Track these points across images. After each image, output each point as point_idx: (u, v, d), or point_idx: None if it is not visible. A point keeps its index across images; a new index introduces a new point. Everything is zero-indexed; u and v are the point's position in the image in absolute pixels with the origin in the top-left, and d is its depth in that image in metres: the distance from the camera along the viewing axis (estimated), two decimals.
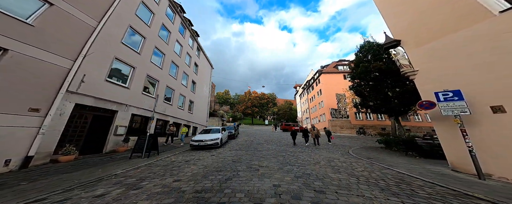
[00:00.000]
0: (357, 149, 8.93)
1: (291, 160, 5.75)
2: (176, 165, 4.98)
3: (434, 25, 5.12)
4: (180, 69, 14.59)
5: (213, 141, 8.48)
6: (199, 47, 20.53)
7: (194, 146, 8.17)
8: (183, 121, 14.81)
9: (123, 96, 7.73)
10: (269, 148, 8.68)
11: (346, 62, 30.99)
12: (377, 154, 7.28)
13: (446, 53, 4.77)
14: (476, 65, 4.23)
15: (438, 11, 5.06)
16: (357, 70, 10.55)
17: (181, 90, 14.63)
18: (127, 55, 8.07)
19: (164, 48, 11.88)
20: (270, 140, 12.46)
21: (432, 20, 5.17)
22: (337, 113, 25.23)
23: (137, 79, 8.74)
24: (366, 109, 10.95)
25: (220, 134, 9.59)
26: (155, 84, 10.56)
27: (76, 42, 5.67)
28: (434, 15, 5.14)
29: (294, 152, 7.59)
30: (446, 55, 4.77)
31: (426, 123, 21.25)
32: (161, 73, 11.15)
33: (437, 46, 4.97)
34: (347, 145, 10.85)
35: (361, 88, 10.22)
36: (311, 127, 9.74)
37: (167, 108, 11.85)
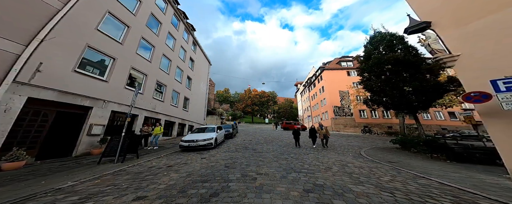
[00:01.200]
0: (368, 149, 7.91)
1: (296, 165, 4.74)
2: (153, 173, 3.97)
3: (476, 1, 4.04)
4: (173, 63, 13.53)
5: (206, 141, 7.48)
6: (195, 42, 19.42)
7: (184, 147, 7.17)
8: (177, 119, 13.81)
9: (100, 91, 6.70)
10: (269, 149, 7.67)
11: (350, 58, 29.83)
12: (396, 157, 6.26)
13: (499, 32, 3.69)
14: None
15: None
16: (369, 62, 9.44)
17: (175, 86, 13.59)
18: (105, 45, 7.00)
19: (153, 40, 10.81)
20: (271, 140, 11.46)
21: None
22: (340, 111, 24.18)
23: (119, 72, 7.69)
24: (377, 105, 9.89)
25: (214, 133, 8.59)
26: (142, 79, 9.51)
27: (31, 25, 4.63)
28: None
29: (298, 154, 6.58)
30: (498, 35, 3.69)
31: (435, 120, 20.19)
32: (149, 66, 10.10)
33: (484, 25, 3.88)
34: (356, 145, 9.84)
35: (372, 82, 9.11)
36: (318, 125, 8.54)
37: (158, 105, 10.84)
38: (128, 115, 5.12)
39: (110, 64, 7.29)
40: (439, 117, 19.91)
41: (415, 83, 7.20)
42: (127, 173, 3.95)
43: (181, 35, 15.62)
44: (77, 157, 5.56)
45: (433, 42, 4.60)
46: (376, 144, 10.44)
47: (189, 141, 7.27)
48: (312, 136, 8.35)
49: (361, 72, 10.69)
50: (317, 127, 8.62)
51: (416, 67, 7.57)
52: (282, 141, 11.14)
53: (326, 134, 8.21)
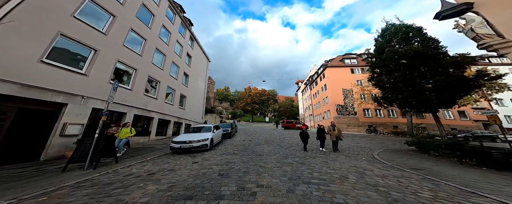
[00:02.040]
0: (381, 152, 7.10)
1: (303, 173, 3.94)
2: (126, 184, 3.18)
3: None
4: (168, 58, 12.68)
5: (200, 143, 6.69)
6: (192, 37, 18.52)
7: (175, 148, 6.38)
8: (172, 117, 13.02)
9: (77, 85, 5.87)
10: (271, 151, 6.88)
11: (354, 56, 28.87)
12: (418, 161, 5.44)
13: None
14: None
15: None
16: (382, 57, 8.51)
17: (170, 82, 12.76)
18: (83, 34, 6.14)
19: (145, 33, 9.94)
20: (272, 140, 10.67)
21: None
22: (343, 110, 23.33)
23: (102, 65, 6.85)
24: (390, 104, 9.01)
25: (210, 133, 7.80)
26: (131, 74, 8.67)
27: None
28: None
29: (304, 158, 5.77)
30: None
31: (444, 120, 19.28)
32: (140, 60, 9.25)
33: None
34: (365, 146, 9.02)
35: (385, 79, 8.18)
36: (330, 125, 7.38)
37: (151, 102, 10.03)
38: (103, 113, 4.30)
39: (91, 56, 6.44)
40: (447, 116, 19.06)
41: (438, 78, 6.30)
42: (93, 184, 3.15)
43: (176, 29, 14.72)
44: (46, 162, 4.77)
45: (478, 26, 3.72)
46: (386, 145, 9.62)
47: (181, 142, 6.47)
48: (320, 137, 7.19)
49: (371, 68, 9.78)
50: (328, 126, 7.50)
51: (438, 60, 6.67)
52: (283, 141, 10.35)
53: (339, 136, 7.01)
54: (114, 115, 7.65)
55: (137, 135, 8.97)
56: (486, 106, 18.42)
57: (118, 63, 7.66)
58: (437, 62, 6.74)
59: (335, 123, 7.37)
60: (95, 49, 6.56)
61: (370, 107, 21.16)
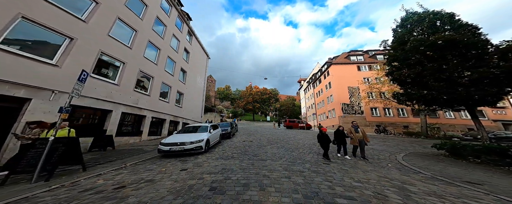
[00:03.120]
0: (406, 156, 6.07)
1: (321, 186, 2.99)
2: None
3: None
4: (163, 53, 11.78)
5: (193, 144, 5.77)
6: (190, 32, 17.59)
7: (163, 151, 5.46)
8: (168, 115, 12.14)
9: (46, 78, 4.97)
10: (275, 155, 5.92)
11: (360, 52, 27.62)
12: (461, 171, 4.38)
13: None
14: None
15: None
16: (405, 47, 7.38)
17: (165, 78, 11.88)
18: (54, 19, 5.24)
19: (136, 23, 9.03)
20: (275, 140, 9.72)
21: None
22: (349, 108, 22.21)
23: (80, 56, 5.94)
24: (412, 101, 7.90)
25: (206, 133, 6.88)
26: (119, 67, 7.76)
27: None
28: None
29: (316, 164, 4.80)
30: None
31: (460, 119, 18.05)
32: (129, 53, 8.34)
33: None
34: (381, 148, 7.99)
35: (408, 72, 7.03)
36: (351, 126, 5.87)
37: (142, 99, 9.14)
38: (63, 109, 3.37)
39: (65, 45, 5.53)
40: (464, 116, 17.79)
41: (484, 70, 5.18)
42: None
43: (173, 23, 13.80)
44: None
45: None
46: (405, 147, 8.56)
47: (171, 144, 5.55)
48: (339, 141, 5.69)
49: (389, 61, 8.64)
50: (349, 128, 5.90)
51: (480, 49, 5.55)
52: (288, 142, 9.38)
53: (364, 140, 5.47)
54: (97, 112, 6.77)
55: (127, 135, 8.11)
56: (507, 104, 17.10)
57: (102, 55, 6.75)
58: (478, 51, 5.63)
59: (357, 123, 6.06)
60: (70, 38, 5.64)
61: (379, 105, 20.00)
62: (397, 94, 8.72)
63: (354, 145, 5.65)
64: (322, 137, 5.54)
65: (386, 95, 17.50)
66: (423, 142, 10.96)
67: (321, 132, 5.63)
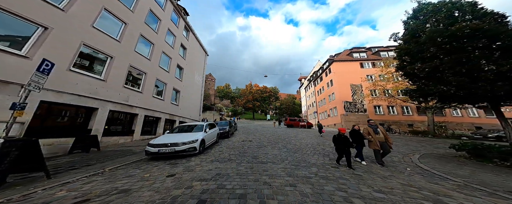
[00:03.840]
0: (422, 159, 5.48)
1: (335, 199, 2.43)
2: None
3: None
4: (157, 48, 11.13)
5: (186, 145, 5.20)
6: (187, 27, 16.88)
7: (151, 153, 4.88)
8: (163, 114, 11.55)
9: (13, 70, 4.34)
10: (276, 157, 5.35)
11: (363, 49, 26.89)
12: (495, 176, 3.78)
13: None
14: None
15: None
16: (418, 40, 6.70)
17: (159, 75, 11.25)
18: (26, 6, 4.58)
19: (126, 16, 8.38)
20: (276, 140, 9.16)
21: None
22: (351, 106, 21.62)
23: (56, 47, 5.31)
24: (425, 98, 7.29)
25: (201, 133, 6.31)
26: (105, 61, 7.11)
27: None
28: None
29: (324, 168, 4.23)
30: None
31: (467, 117, 17.46)
32: (118, 47, 7.69)
33: None
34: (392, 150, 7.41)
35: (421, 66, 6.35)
36: (368, 126, 4.98)
37: (133, 96, 8.53)
38: (17, 106, 2.77)
39: (37, 35, 4.87)
40: (471, 114, 17.19)
41: None
42: None
43: (168, 17, 13.10)
44: None
45: None
46: (416, 148, 7.99)
47: (160, 145, 4.97)
48: (356, 141, 4.76)
49: (400, 55, 7.97)
50: (365, 128, 4.87)
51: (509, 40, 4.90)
52: (289, 142, 8.82)
53: (387, 143, 4.50)
54: (81, 110, 6.16)
55: (116, 134, 7.52)
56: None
57: (83, 47, 6.09)
58: (505, 42, 4.98)
59: (376, 122, 5.20)
60: (44, 27, 4.99)
61: (382, 103, 19.40)
62: (409, 90, 8.09)
63: (375, 149, 4.54)
64: (339, 139, 4.36)
65: (390, 92, 16.89)
66: (433, 141, 10.39)
67: (339, 134, 4.43)
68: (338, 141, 4.42)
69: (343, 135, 4.41)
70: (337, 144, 4.44)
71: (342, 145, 4.34)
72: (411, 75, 7.28)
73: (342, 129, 4.49)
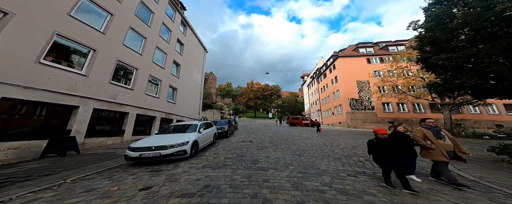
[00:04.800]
0: (458, 165, 4.58)
1: None
2: None
3: None
4: (150, 42, 10.40)
5: (174, 149, 4.47)
6: (185, 22, 16.10)
7: (131, 158, 4.15)
8: (158, 112, 10.89)
9: None
10: (279, 161, 4.56)
11: (370, 44, 25.55)
12: None
13: None
14: None
15: None
16: (447, 26, 5.63)
17: (153, 71, 10.56)
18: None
19: (112, 7, 7.66)
20: (278, 140, 8.36)
21: None
22: (358, 104, 20.53)
23: (23, 36, 4.60)
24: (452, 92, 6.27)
25: (195, 133, 5.59)
26: (87, 54, 6.38)
27: None
28: None
29: (339, 177, 3.42)
30: None
31: (486, 115, 16.17)
32: (103, 40, 6.95)
33: None
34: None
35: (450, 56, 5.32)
36: (424, 128, 3.27)
37: (122, 94, 7.84)
38: None
39: None
40: (491, 111, 15.88)
41: None
42: None
43: (162, 10, 12.33)
44: None
45: None
46: None
47: (142, 149, 4.24)
48: (408, 150, 3.27)
49: (420, 46, 6.89)
50: (418, 130, 3.39)
51: None
52: (293, 142, 8.01)
53: (459, 151, 3.06)
54: (57, 108, 5.47)
55: (103, 135, 6.86)
56: None
57: (57, 37, 5.36)
58: None
59: (437, 123, 3.66)
60: (3, 12, 4.25)
61: (392, 100, 18.25)
62: (433, 85, 7.05)
63: (440, 161, 2.93)
64: (380, 145, 2.90)
65: (401, 88, 15.74)
66: None
67: (377, 137, 3.00)
68: (378, 147, 2.91)
69: (385, 138, 2.93)
70: (376, 151, 2.96)
71: (386, 153, 2.80)
72: (436, 67, 6.28)
73: (380, 130, 3.00)
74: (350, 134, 12.48)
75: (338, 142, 8.53)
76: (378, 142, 2.98)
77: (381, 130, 3.05)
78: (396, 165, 2.80)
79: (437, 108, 16.79)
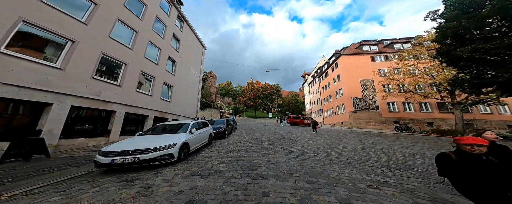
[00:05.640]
0: None
1: None
2: None
3: None
4: (142, 36, 9.70)
5: (157, 152, 3.79)
6: (181, 18, 15.38)
7: (101, 165, 3.44)
8: (151, 111, 10.20)
9: None
10: (281, 167, 3.86)
11: (374, 42, 24.80)
12: None
13: None
14: None
15: None
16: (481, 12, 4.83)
17: (145, 67, 9.86)
18: None
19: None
20: (279, 141, 7.66)
21: None
22: (361, 103, 19.81)
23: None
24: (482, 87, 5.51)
25: (185, 135, 4.93)
26: (63, 46, 5.66)
27: None
28: None
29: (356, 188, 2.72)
30: None
31: (497, 115, 15.42)
32: (83, 30, 6.23)
33: None
34: (433, 156, 5.84)
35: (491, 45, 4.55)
36: None
37: (107, 90, 7.14)
38: None
39: None
40: (502, 111, 15.13)
41: None
42: None
43: (156, 3, 11.64)
44: None
45: None
46: None
47: (116, 153, 3.53)
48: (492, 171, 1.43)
49: (442, 37, 6.09)
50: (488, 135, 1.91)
51: None
52: (296, 143, 7.31)
53: None
54: (26, 106, 4.76)
55: (84, 135, 6.16)
56: None
57: (23, 25, 4.62)
58: None
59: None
60: None
61: (397, 99, 17.52)
62: (459, 80, 6.27)
63: None
64: (470, 164, 1.49)
65: (408, 87, 15.01)
66: None
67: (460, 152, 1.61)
68: (465, 167, 1.50)
69: (480, 153, 1.53)
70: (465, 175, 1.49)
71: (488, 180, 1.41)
72: (460, 61, 5.52)
73: (470, 139, 1.59)
74: (355, 135, 11.77)
75: (344, 143, 7.83)
76: (462, 158, 1.61)
77: (472, 139, 1.61)
78: None
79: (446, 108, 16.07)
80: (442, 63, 6.94)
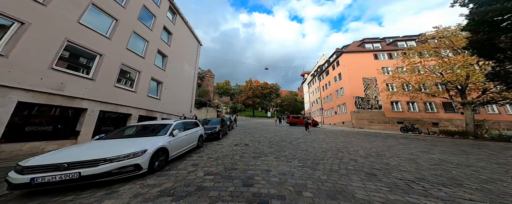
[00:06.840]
0: None
1: None
2: None
3: None
4: (123, 25, 8.54)
5: (114, 164, 2.73)
6: (174, 10, 14.22)
7: (16, 186, 2.24)
8: (136, 109, 9.05)
9: None
10: (286, 181, 2.83)
11: (377, 40, 24.10)
12: None
13: None
14: None
15: None
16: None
17: (128, 60, 8.71)
18: None
19: None
20: (280, 143, 6.64)
21: None
22: (364, 102, 19.02)
23: None
24: None
25: (163, 138, 3.93)
26: (8, 27, 4.49)
27: None
28: None
29: None
30: None
31: (505, 115, 14.81)
32: (38, 10, 5.07)
33: None
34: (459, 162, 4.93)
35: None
36: None
37: (74, 84, 5.96)
38: None
39: None
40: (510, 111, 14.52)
41: None
42: None
43: None
44: None
45: None
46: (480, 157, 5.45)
47: (40, 168, 2.39)
48: None
49: (478, 24, 5.15)
50: None
51: None
52: (299, 146, 6.32)
53: None
54: None
55: (39, 138, 4.99)
56: None
57: None
58: None
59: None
60: None
61: (401, 99, 16.77)
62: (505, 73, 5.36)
63: None
64: None
65: (413, 86, 14.23)
66: (486, 145, 7.83)
67: None
68: None
69: None
70: None
71: None
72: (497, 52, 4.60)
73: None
74: (360, 136, 10.88)
75: (353, 145, 6.89)
76: None
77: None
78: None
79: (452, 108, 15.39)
80: (473, 55, 6.05)
